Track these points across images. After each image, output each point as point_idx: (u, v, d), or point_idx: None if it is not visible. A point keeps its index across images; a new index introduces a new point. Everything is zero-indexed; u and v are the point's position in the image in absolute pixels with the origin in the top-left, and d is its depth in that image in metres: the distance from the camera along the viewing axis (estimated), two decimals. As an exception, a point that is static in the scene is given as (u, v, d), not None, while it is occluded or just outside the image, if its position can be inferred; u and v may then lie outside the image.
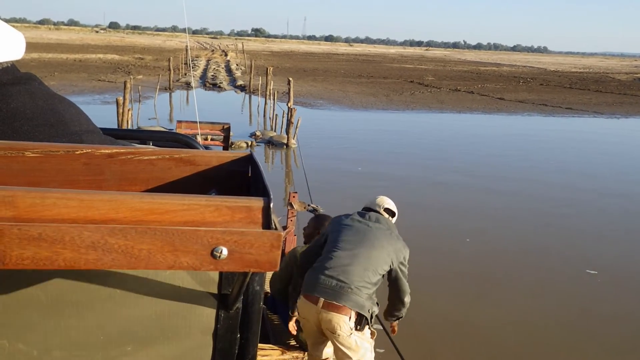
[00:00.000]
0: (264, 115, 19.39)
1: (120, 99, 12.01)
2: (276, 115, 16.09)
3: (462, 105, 25.00)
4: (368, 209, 3.37)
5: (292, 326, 3.43)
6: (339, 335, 2.92)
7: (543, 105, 26.09)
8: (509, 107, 25.25)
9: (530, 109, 25.01)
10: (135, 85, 23.56)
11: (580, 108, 25.85)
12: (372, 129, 17.71)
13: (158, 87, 21.64)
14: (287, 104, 14.43)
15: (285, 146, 13.64)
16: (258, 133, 14.85)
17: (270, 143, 14.15)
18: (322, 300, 2.91)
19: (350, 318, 2.92)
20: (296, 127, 13.60)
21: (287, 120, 13.83)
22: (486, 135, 17.72)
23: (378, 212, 3.33)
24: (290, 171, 12.08)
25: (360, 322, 2.95)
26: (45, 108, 1.00)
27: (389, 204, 3.42)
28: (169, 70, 26.32)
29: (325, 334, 3.01)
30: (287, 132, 13.79)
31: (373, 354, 3.16)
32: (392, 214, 3.41)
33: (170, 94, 24.83)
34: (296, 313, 3.27)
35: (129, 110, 14.05)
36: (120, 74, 29.69)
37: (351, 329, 2.92)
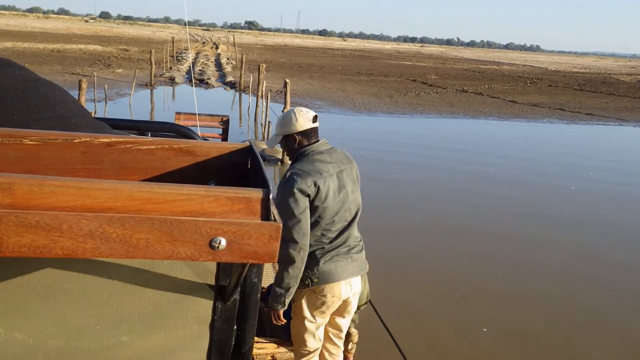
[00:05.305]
0: (255, 120, 16.93)
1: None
2: (269, 122, 13.62)
3: (473, 108, 22.74)
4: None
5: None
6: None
7: (561, 110, 23.91)
8: (524, 111, 23.03)
9: (548, 114, 22.79)
10: (113, 81, 21.18)
11: (601, 114, 23.68)
12: (384, 139, 15.29)
13: (134, 83, 19.20)
14: (282, 112, 11.99)
15: (279, 163, 11.23)
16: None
17: (262, 158, 11.63)
18: (349, 280, 2.72)
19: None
20: (293, 139, 11.15)
21: (283, 130, 11.35)
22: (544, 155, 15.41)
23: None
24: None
25: None
26: (26, 91, 0.96)
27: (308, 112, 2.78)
28: (151, 64, 23.74)
29: (346, 307, 2.81)
30: (283, 145, 11.33)
31: None
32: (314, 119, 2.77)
33: (151, 90, 22.42)
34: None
35: (92, 113, 11.69)
36: (99, 67, 27.30)
37: None
